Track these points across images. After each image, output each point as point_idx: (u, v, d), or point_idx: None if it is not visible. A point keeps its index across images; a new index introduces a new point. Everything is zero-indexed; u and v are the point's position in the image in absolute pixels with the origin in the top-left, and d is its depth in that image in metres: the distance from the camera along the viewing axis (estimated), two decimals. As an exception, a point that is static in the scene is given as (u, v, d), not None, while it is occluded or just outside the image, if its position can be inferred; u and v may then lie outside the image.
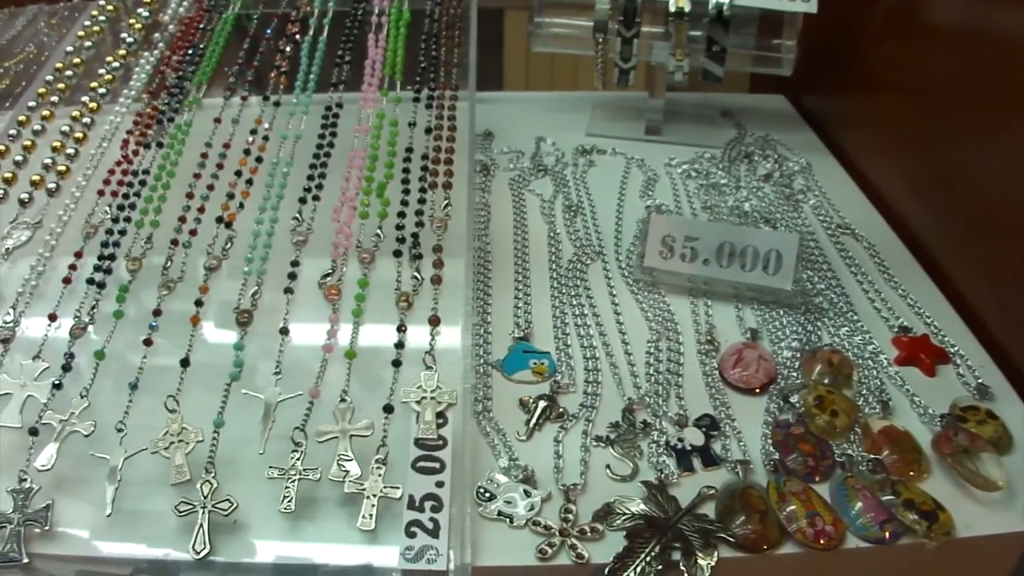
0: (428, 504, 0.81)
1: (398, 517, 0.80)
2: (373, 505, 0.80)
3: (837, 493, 0.85)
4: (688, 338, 1.00)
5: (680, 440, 0.90)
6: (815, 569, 0.84)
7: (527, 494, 0.85)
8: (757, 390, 0.96)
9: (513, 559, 0.80)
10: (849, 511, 0.83)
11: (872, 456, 0.89)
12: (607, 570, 0.79)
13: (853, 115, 1.29)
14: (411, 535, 0.79)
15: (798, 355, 0.99)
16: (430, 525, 0.79)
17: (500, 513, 0.83)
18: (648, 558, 0.80)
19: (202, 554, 0.79)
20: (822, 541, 0.81)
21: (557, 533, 0.81)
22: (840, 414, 0.92)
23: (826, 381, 0.96)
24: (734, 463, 0.88)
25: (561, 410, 0.93)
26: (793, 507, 0.83)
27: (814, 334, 1.01)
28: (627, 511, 0.83)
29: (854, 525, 0.82)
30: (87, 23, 1.27)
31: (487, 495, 0.85)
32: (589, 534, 0.82)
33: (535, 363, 0.97)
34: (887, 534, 0.82)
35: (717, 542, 0.81)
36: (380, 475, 0.82)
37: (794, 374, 0.97)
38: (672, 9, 1.18)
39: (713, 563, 0.79)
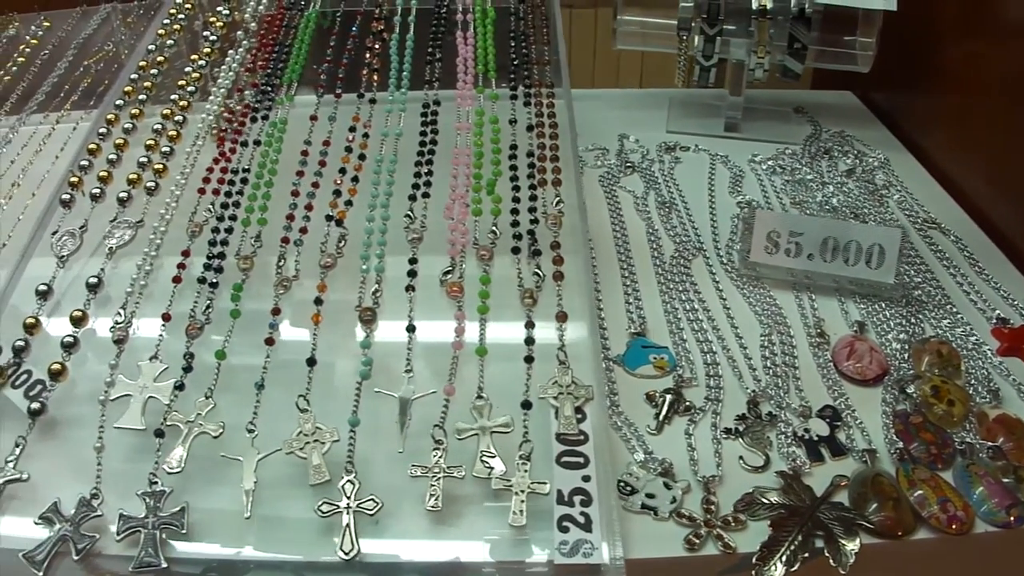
0: (577, 499, 0.80)
1: (540, 512, 0.80)
2: (522, 501, 0.80)
3: (961, 480, 0.87)
4: (797, 331, 1.01)
5: (806, 431, 0.91)
6: (946, 554, 0.85)
7: (668, 487, 0.85)
8: (871, 381, 0.97)
9: (661, 551, 0.81)
10: (973, 497, 0.85)
11: (991, 444, 0.90)
12: (755, 558, 0.80)
13: (929, 111, 1.31)
14: (564, 530, 0.78)
15: (906, 347, 1.00)
16: (582, 519, 0.79)
17: (643, 506, 0.84)
18: (793, 546, 0.81)
19: (351, 555, 0.78)
20: (955, 526, 0.82)
21: (703, 524, 0.82)
22: (956, 403, 0.93)
23: (936, 371, 0.97)
24: (861, 452, 0.89)
25: (688, 403, 0.93)
26: (924, 493, 0.84)
27: (917, 326, 1.03)
28: (767, 501, 0.84)
29: (979, 511, 0.84)
30: (166, 21, 1.25)
31: (628, 489, 0.85)
32: (733, 524, 0.82)
33: (655, 358, 0.97)
34: (1013, 518, 0.83)
35: (857, 529, 0.82)
36: (526, 471, 0.82)
37: (905, 365, 0.98)
38: (755, 7, 1.19)
39: (857, 548, 0.80)
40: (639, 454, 0.88)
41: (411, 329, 0.91)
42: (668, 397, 0.93)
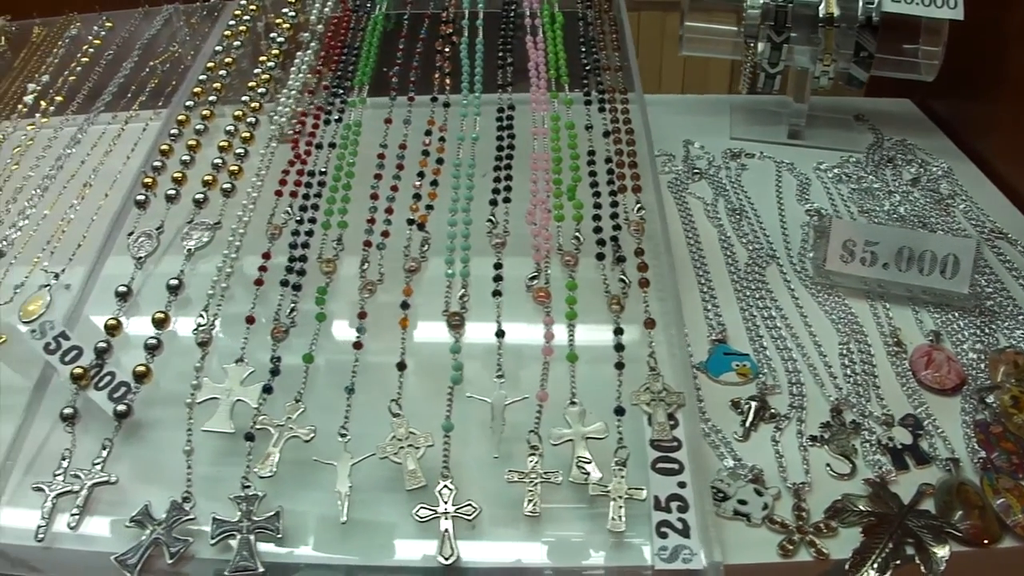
0: (674, 504, 0.81)
1: (635, 518, 0.80)
2: (620, 507, 0.80)
3: (1043, 489, 0.87)
4: (873, 339, 1.02)
5: (890, 439, 0.92)
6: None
7: (759, 493, 0.86)
8: (950, 391, 0.98)
9: (754, 557, 0.81)
10: (1057, 507, 0.85)
11: (1071, 454, 0.91)
12: (847, 565, 0.80)
13: (990, 119, 1.31)
14: (663, 535, 0.79)
15: (982, 356, 1.00)
16: (679, 525, 0.79)
17: (736, 512, 0.84)
18: (884, 553, 0.81)
19: (450, 560, 0.78)
20: (1040, 535, 0.83)
21: (795, 530, 0.82)
22: (1036, 413, 0.94)
23: (1013, 382, 0.98)
24: (945, 461, 0.89)
25: (773, 411, 0.94)
26: (1008, 501, 0.85)
27: (991, 336, 1.03)
28: (857, 508, 0.85)
29: (1063, 521, 0.84)
30: (231, 23, 1.25)
31: (720, 495, 0.85)
32: (824, 531, 0.83)
33: (737, 365, 0.98)
34: (1095, 525, 0.84)
35: (946, 536, 0.83)
36: (623, 477, 0.82)
37: (981, 375, 0.99)
38: (821, 14, 1.20)
39: (947, 556, 0.81)
40: (728, 460, 0.89)
41: (500, 334, 0.91)
42: (754, 404, 0.94)
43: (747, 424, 0.92)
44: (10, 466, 0.89)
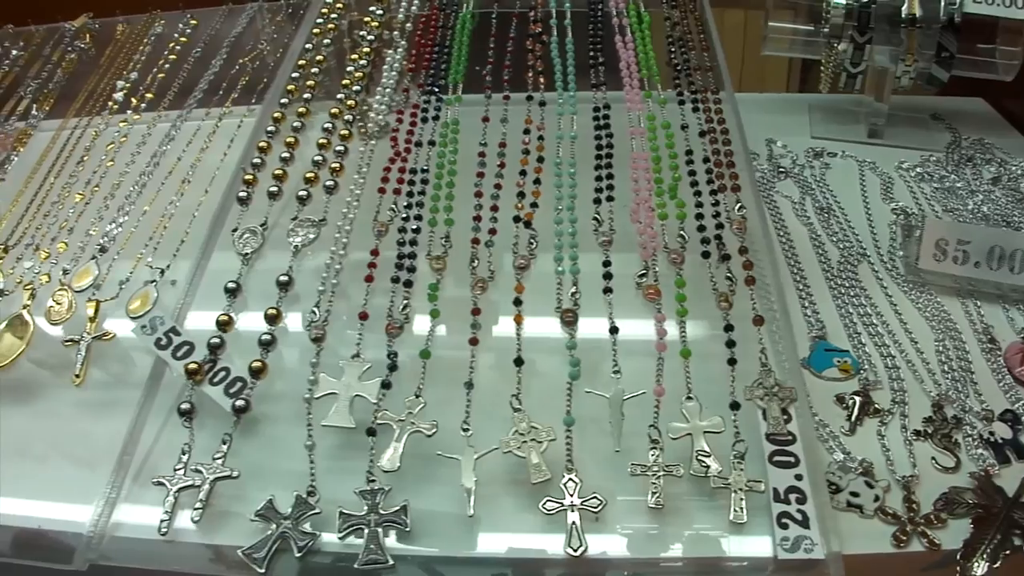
0: (792, 496, 0.83)
1: (750, 510, 0.82)
2: (742, 499, 0.83)
3: None
4: (967, 336, 1.04)
5: (991, 433, 0.94)
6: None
7: (869, 485, 0.88)
8: (1045, 387, 1.00)
9: (869, 547, 0.83)
10: None
11: None
12: (959, 555, 0.83)
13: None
14: (783, 526, 0.81)
15: (1074, 354, 1.02)
16: (799, 516, 0.82)
17: (848, 504, 0.86)
18: (993, 543, 0.84)
19: (579, 552, 0.80)
20: None
21: (907, 522, 0.85)
22: None
23: (1102, 375, 1.00)
24: (1044, 454, 0.92)
25: (876, 406, 0.96)
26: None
27: (1081, 334, 1.05)
28: (965, 500, 0.87)
29: None
30: (319, 20, 1.27)
31: (833, 487, 0.87)
32: (935, 522, 0.85)
33: (839, 361, 1.00)
34: None
35: (1051, 529, 0.85)
36: (742, 469, 0.84)
37: (1074, 372, 1.01)
38: (904, 15, 1.21)
39: (1056, 547, 0.83)
40: (837, 454, 0.91)
41: (614, 331, 0.93)
42: (858, 399, 0.96)
43: (852, 419, 0.94)
44: (127, 461, 0.91)
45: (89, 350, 1.01)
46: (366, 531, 0.82)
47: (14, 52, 1.42)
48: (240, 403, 0.91)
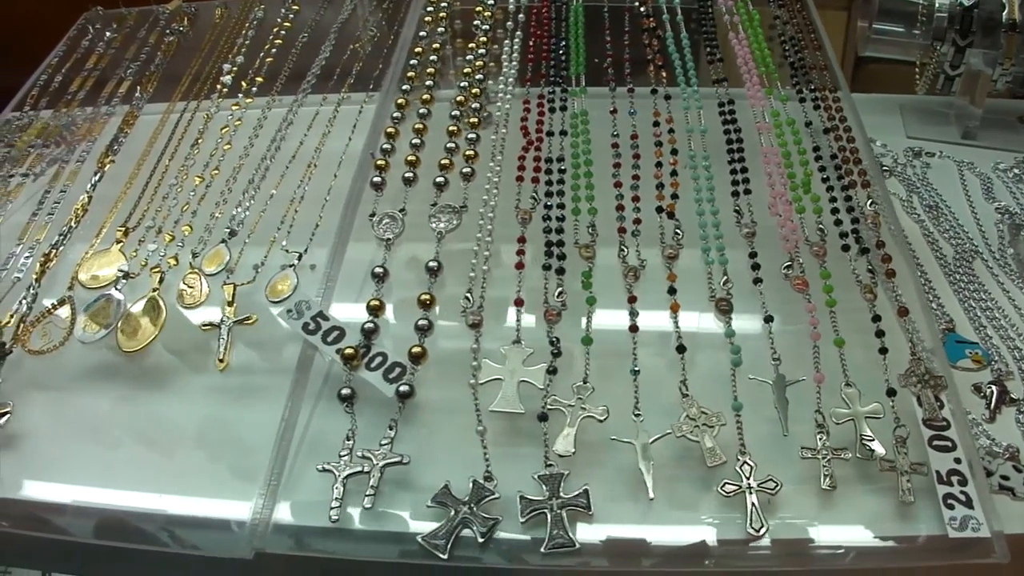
0: (954, 479, 0.86)
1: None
2: (908, 480, 0.85)
3: None
4: (1083, 330, 1.08)
5: (1120, 415, 0.98)
6: None
7: (1017, 469, 0.91)
8: None
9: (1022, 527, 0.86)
10: None
11: None
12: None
13: None
14: (950, 507, 0.84)
15: None
16: (963, 497, 0.85)
17: (1000, 487, 0.90)
18: None
19: (761, 532, 0.83)
20: None
21: (1057, 503, 0.89)
22: None
23: None
24: None
25: (1012, 395, 0.99)
26: None
27: None
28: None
29: None
30: (430, 8, 1.27)
31: (985, 472, 0.91)
32: (1081, 503, 0.89)
33: (971, 352, 1.03)
34: None
35: None
36: (905, 453, 0.87)
37: None
38: (1005, 20, 1.26)
39: None
40: (983, 440, 0.94)
41: (769, 319, 0.95)
42: (995, 388, 0.99)
43: (991, 407, 0.98)
44: (285, 448, 0.91)
45: (231, 334, 1.01)
46: (549, 515, 0.83)
47: (107, 34, 1.40)
48: (404, 388, 0.92)
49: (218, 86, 1.26)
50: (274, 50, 1.30)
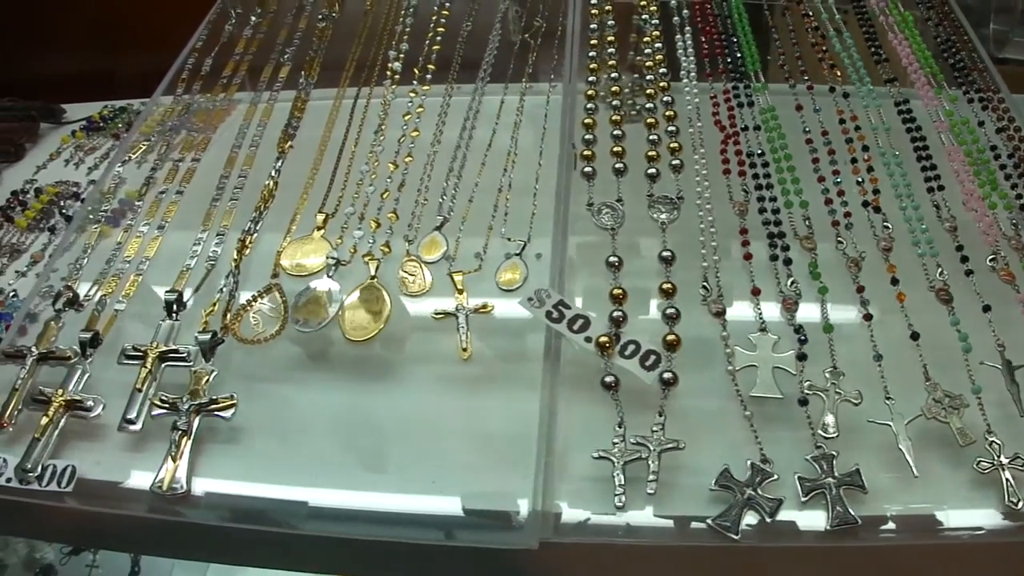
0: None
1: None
2: None
3: None
4: None
5: None
6: None
7: None
8: None
9: None
10: None
11: None
12: None
13: None
14: None
15: None
16: None
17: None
18: None
19: (1019, 505, 0.89)
20: None
21: None
22: None
23: None
24: None
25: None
26: None
27: None
28: None
29: None
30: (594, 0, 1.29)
31: None
32: None
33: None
34: None
35: None
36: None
37: None
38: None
39: None
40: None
41: (987, 309, 1.02)
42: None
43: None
44: (550, 435, 0.92)
45: (468, 321, 1.01)
46: (828, 495, 0.88)
47: (252, 18, 1.37)
48: (668, 375, 0.95)
49: (388, 72, 1.25)
50: (439, 38, 1.30)
